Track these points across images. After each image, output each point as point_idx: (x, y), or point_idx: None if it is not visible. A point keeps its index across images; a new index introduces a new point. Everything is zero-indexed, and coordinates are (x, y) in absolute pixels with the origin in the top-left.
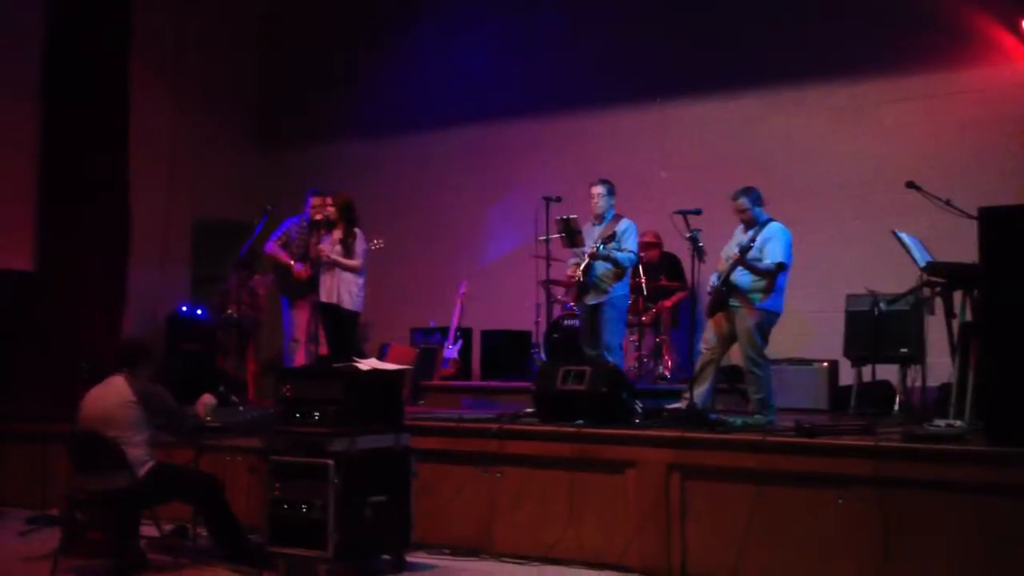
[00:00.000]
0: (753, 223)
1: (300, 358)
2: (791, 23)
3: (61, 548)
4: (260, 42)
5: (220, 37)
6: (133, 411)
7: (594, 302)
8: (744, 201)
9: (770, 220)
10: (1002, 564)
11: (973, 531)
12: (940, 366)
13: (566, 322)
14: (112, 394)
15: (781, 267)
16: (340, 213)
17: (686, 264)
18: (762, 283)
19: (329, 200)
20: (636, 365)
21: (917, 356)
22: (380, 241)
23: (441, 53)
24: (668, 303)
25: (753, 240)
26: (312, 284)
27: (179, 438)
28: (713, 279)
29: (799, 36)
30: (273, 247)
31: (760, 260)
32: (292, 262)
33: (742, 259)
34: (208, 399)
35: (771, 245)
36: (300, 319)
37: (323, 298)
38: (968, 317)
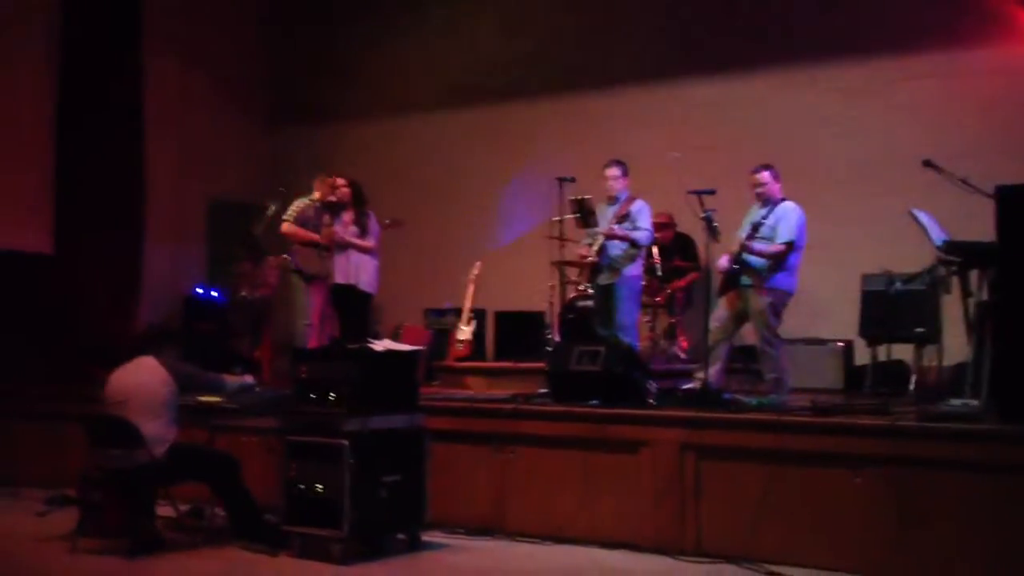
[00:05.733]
0: (769, 200)
1: (313, 342)
2: (804, 1)
3: (78, 528)
4: (271, 21)
5: (231, 16)
6: (169, 389)
7: (608, 282)
8: (764, 176)
9: (784, 200)
10: (1016, 543)
11: (988, 510)
12: (956, 346)
13: (580, 303)
14: (145, 373)
15: (790, 246)
16: (353, 195)
17: (700, 245)
18: (774, 262)
19: (342, 182)
20: (650, 346)
21: (933, 336)
22: (394, 221)
23: (453, 31)
24: (681, 283)
25: (766, 218)
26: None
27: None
28: (723, 261)
29: (812, 14)
30: (290, 226)
31: (771, 239)
32: (316, 235)
33: (747, 245)
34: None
35: (783, 224)
36: (315, 301)
37: (339, 279)
38: (984, 296)
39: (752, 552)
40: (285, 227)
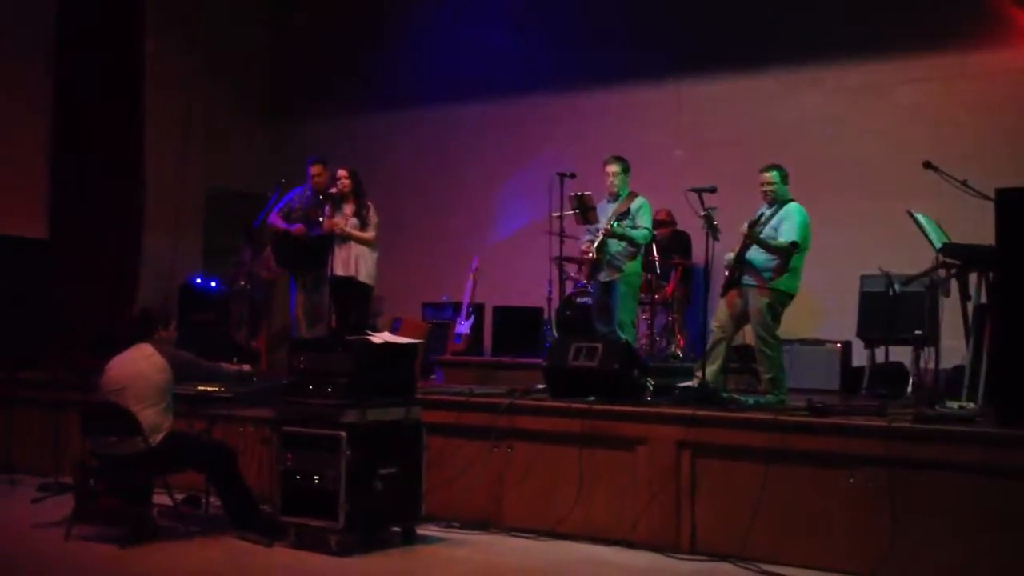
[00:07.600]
0: (775, 200)
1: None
2: (807, 1)
3: (74, 515)
4: (275, 13)
5: (234, 7)
6: (165, 377)
7: (607, 279)
8: (772, 175)
9: (790, 200)
10: (1011, 546)
11: (982, 512)
12: (954, 348)
13: (579, 299)
14: (142, 360)
15: (795, 246)
16: (353, 186)
17: (698, 243)
18: (776, 262)
19: (344, 173)
20: (648, 343)
21: (931, 338)
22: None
23: (456, 26)
24: (672, 284)
25: (770, 217)
26: (312, 256)
27: (227, 386)
28: (727, 257)
29: (816, 15)
30: (275, 218)
31: (775, 239)
32: (289, 227)
33: (751, 236)
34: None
35: (786, 225)
36: (299, 296)
37: (339, 271)
38: (983, 299)
39: (746, 551)
40: (270, 219)
